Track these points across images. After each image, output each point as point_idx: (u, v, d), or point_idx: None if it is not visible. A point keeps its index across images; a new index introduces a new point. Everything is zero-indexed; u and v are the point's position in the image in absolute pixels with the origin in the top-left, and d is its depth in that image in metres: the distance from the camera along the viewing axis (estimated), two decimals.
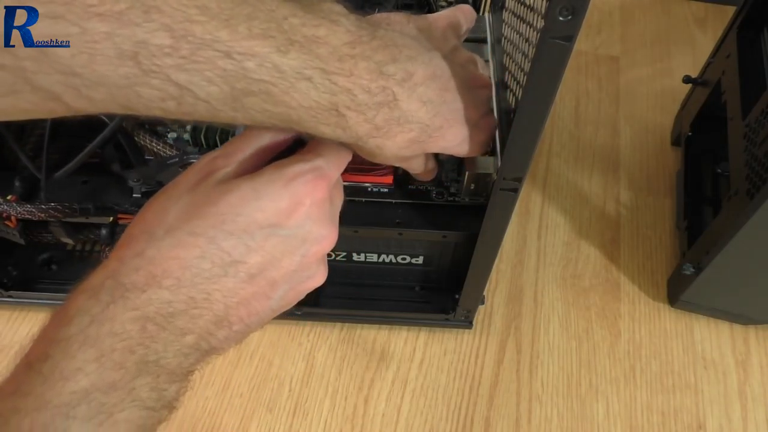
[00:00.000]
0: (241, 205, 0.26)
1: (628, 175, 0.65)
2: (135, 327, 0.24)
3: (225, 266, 0.26)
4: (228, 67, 0.23)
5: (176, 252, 0.25)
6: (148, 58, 0.21)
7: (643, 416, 0.49)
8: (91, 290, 0.25)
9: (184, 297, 0.25)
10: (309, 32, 0.24)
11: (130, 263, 0.25)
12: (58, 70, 0.20)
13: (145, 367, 0.24)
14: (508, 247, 0.59)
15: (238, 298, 0.27)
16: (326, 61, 0.25)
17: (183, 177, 0.28)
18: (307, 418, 0.48)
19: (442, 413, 0.49)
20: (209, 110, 0.24)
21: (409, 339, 0.53)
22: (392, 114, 0.28)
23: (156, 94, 0.22)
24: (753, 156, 0.43)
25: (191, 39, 0.21)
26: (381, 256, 0.49)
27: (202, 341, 0.26)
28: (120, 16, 0.20)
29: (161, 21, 0.21)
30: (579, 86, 0.73)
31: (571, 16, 0.24)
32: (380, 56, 0.27)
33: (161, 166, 0.41)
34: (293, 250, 0.28)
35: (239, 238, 0.26)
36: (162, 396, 0.25)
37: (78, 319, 0.24)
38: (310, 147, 0.30)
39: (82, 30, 0.20)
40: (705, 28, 0.81)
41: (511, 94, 0.40)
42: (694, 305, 0.54)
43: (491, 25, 0.50)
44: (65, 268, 0.53)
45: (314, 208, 0.28)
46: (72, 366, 0.23)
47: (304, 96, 0.25)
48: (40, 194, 0.41)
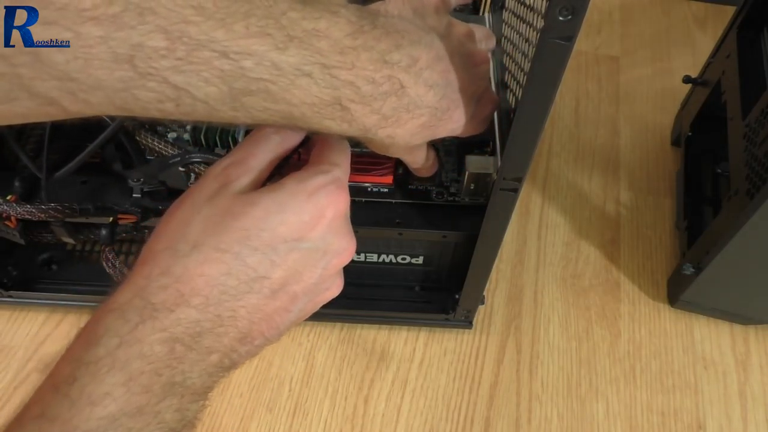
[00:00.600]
0: (265, 219, 0.26)
1: (628, 175, 0.65)
2: (163, 349, 0.24)
3: (250, 282, 0.26)
4: (225, 67, 0.22)
5: (203, 269, 0.25)
6: (144, 60, 0.21)
7: (643, 416, 0.49)
8: (118, 309, 0.24)
9: (211, 315, 0.25)
10: (309, 26, 0.24)
11: (157, 281, 0.25)
12: (55, 76, 0.20)
13: (171, 389, 0.24)
14: (508, 247, 0.59)
15: (261, 314, 0.27)
16: (327, 55, 0.25)
17: (198, 186, 0.28)
18: (307, 418, 0.48)
19: (442, 413, 0.49)
20: (208, 110, 0.24)
21: (409, 339, 0.53)
22: (401, 102, 0.28)
23: (153, 96, 0.22)
24: (753, 156, 0.43)
25: (187, 40, 0.21)
26: (381, 256, 0.49)
27: (225, 358, 0.26)
28: (114, 19, 0.20)
29: (156, 23, 0.20)
30: (579, 86, 0.73)
31: (571, 16, 0.24)
32: (383, 45, 0.27)
33: (162, 165, 0.41)
34: (315, 263, 0.28)
35: (264, 253, 0.26)
36: (184, 416, 0.25)
37: (106, 339, 0.24)
38: (320, 153, 0.30)
39: (76, 35, 0.20)
40: (705, 28, 0.81)
41: (511, 94, 0.40)
42: (694, 305, 0.54)
43: (491, 25, 0.50)
44: (65, 268, 0.53)
45: (335, 220, 0.28)
46: (100, 390, 0.23)
47: (305, 92, 0.25)
48: (41, 194, 0.41)
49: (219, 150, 0.42)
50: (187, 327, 0.25)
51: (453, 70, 0.30)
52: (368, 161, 0.42)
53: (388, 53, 0.27)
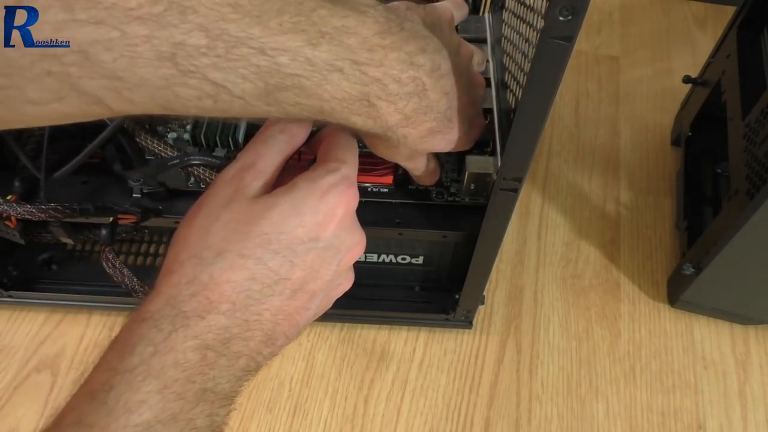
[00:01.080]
0: (283, 222, 0.27)
1: (628, 175, 0.65)
2: (196, 356, 0.25)
3: (272, 285, 0.27)
4: (262, 63, 0.23)
5: (228, 275, 0.26)
6: (186, 58, 0.21)
7: (643, 416, 0.49)
8: (151, 318, 0.25)
9: (239, 321, 0.26)
10: (339, 23, 0.24)
11: (186, 290, 0.26)
12: (102, 74, 0.21)
13: (204, 395, 0.25)
14: (508, 247, 0.59)
15: (283, 315, 0.28)
16: (356, 52, 0.25)
17: (212, 193, 0.28)
18: (307, 418, 0.48)
19: (442, 413, 0.49)
20: (244, 106, 0.24)
21: (409, 339, 0.53)
22: (421, 103, 0.28)
23: (193, 93, 0.23)
24: (753, 156, 0.43)
25: (226, 38, 0.22)
26: (381, 256, 0.49)
27: (251, 362, 0.27)
28: (158, 18, 0.20)
29: (197, 21, 0.21)
30: (579, 86, 0.73)
31: (571, 16, 0.24)
32: (410, 47, 0.27)
33: (162, 166, 0.41)
34: (330, 261, 0.29)
35: (284, 255, 0.27)
36: (214, 421, 0.26)
37: (141, 348, 0.24)
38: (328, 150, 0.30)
39: (122, 33, 0.20)
40: (705, 28, 0.81)
41: (511, 94, 0.40)
42: (694, 305, 0.54)
43: (491, 25, 0.50)
44: (65, 268, 0.53)
45: (346, 218, 0.29)
46: (136, 398, 0.23)
47: (336, 87, 0.25)
48: (40, 194, 0.41)
49: (219, 150, 0.42)
50: (217, 333, 0.25)
51: (460, 86, 0.31)
52: (368, 161, 0.42)
53: (415, 56, 0.27)
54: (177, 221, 0.42)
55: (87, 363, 0.50)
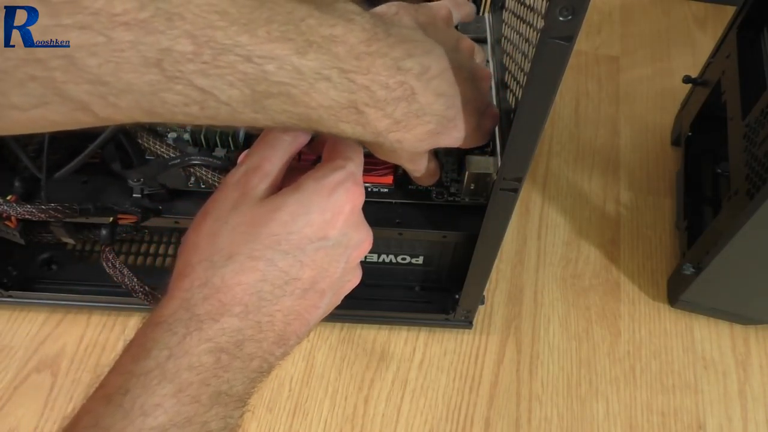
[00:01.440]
0: (291, 222, 0.27)
1: (628, 175, 0.65)
2: (210, 359, 0.25)
3: (283, 286, 0.27)
4: (249, 70, 0.23)
5: (239, 278, 0.26)
6: (172, 64, 0.21)
7: (643, 416, 0.50)
8: (165, 322, 0.25)
9: (251, 323, 0.26)
10: (326, 32, 0.25)
11: (199, 293, 0.26)
12: (87, 79, 0.21)
13: (218, 398, 0.25)
14: (508, 247, 0.59)
15: (294, 315, 0.28)
16: (344, 60, 0.25)
17: (219, 196, 0.28)
18: (307, 418, 0.48)
19: (442, 413, 0.49)
20: (231, 113, 0.24)
21: (409, 339, 0.53)
22: (410, 107, 0.28)
23: (180, 99, 0.23)
24: (753, 156, 0.43)
25: (213, 44, 0.22)
26: (381, 256, 0.49)
27: (264, 363, 0.27)
28: (144, 24, 0.20)
29: (184, 28, 0.21)
30: (579, 86, 0.73)
31: (571, 16, 0.24)
32: (397, 52, 0.27)
33: (162, 166, 0.41)
34: (338, 258, 0.29)
35: (294, 256, 0.27)
36: (228, 424, 0.26)
37: (156, 352, 0.24)
38: (333, 148, 0.30)
39: (108, 39, 0.20)
40: (705, 28, 0.81)
41: (511, 94, 0.40)
42: (694, 305, 0.54)
43: (491, 25, 0.50)
44: (65, 268, 0.53)
45: (352, 214, 0.29)
46: (152, 401, 0.23)
47: (323, 95, 0.25)
48: (41, 194, 0.41)
49: (219, 150, 0.42)
50: (230, 336, 0.26)
51: (461, 83, 0.31)
52: (368, 161, 0.42)
53: (401, 60, 0.27)
54: (177, 221, 0.42)
55: (87, 363, 0.50)
